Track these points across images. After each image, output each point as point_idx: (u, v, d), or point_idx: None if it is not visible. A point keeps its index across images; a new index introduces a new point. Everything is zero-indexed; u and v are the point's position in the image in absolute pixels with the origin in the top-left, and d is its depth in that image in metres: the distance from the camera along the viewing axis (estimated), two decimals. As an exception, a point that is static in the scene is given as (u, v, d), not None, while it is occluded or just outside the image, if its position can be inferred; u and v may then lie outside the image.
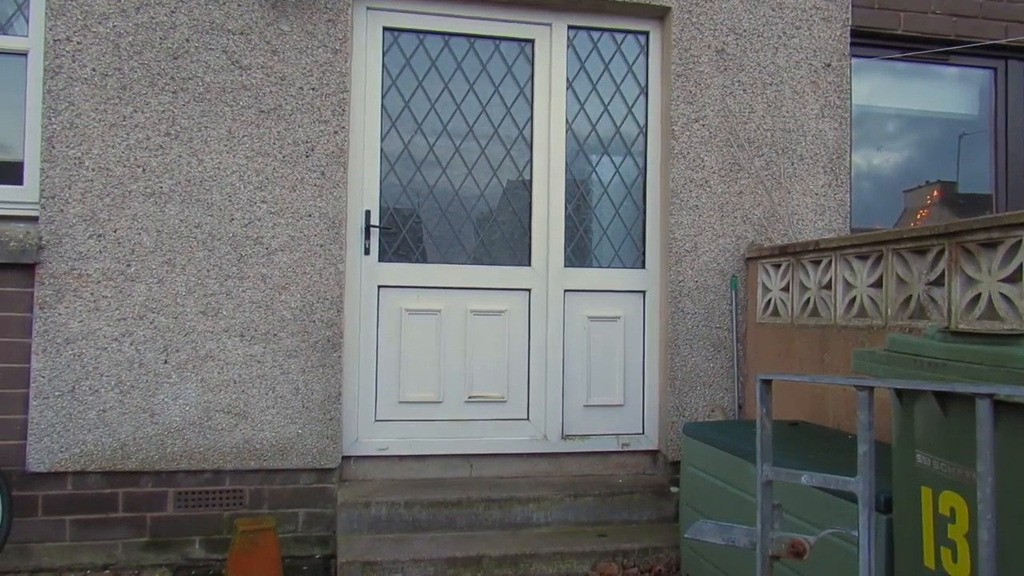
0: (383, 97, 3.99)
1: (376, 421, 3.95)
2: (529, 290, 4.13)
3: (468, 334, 4.09)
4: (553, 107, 4.10)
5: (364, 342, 3.92)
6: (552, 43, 4.10)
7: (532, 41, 4.14)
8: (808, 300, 3.54)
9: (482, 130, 4.16)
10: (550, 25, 4.10)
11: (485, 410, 4.06)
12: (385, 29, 4.01)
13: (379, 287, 3.96)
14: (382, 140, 4.03)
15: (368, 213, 3.96)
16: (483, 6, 4.02)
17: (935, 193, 4.61)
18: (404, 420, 3.98)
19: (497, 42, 4.15)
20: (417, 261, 4.06)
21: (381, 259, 3.99)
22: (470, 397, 4.05)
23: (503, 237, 4.17)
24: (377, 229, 3.97)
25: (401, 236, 4.06)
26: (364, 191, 3.98)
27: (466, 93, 4.12)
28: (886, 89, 4.58)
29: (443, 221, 4.15)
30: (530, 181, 4.15)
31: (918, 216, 4.59)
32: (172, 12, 3.56)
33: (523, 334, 4.13)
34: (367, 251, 3.95)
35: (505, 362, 4.10)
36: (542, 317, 4.09)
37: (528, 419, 4.09)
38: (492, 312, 4.12)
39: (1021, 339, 1.70)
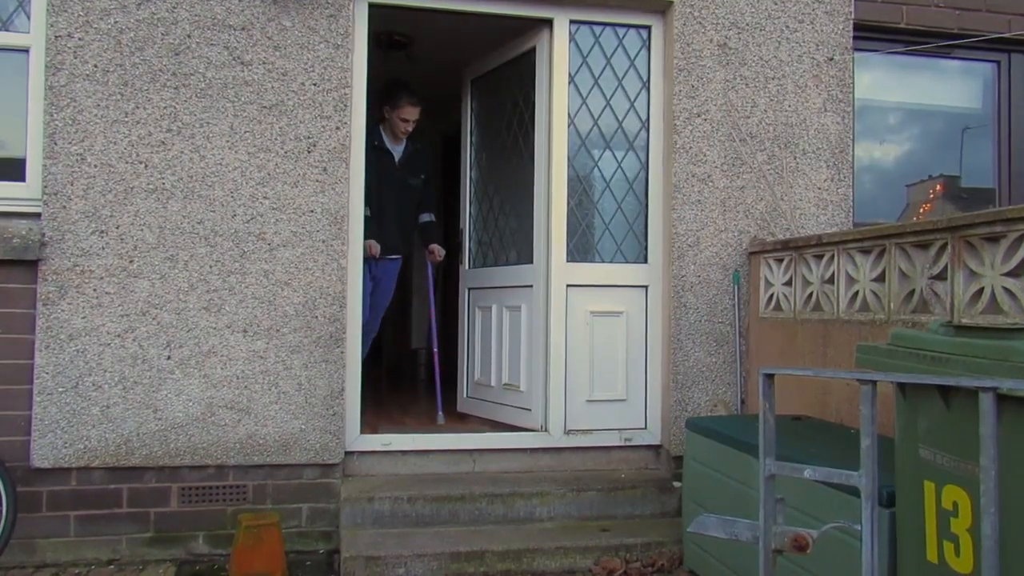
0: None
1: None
2: (531, 286, 4.13)
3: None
4: (555, 102, 4.08)
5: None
6: (554, 37, 4.08)
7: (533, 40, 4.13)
8: (811, 294, 3.54)
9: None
10: (552, 19, 4.08)
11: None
12: (387, 24, 4.01)
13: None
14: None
15: None
16: (486, 1, 4.00)
17: (938, 187, 4.60)
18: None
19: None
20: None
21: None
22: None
23: (511, 233, 4.17)
24: None
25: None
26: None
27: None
28: (889, 83, 4.56)
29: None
30: (532, 176, 4.14)
31: (921, 210, 4.58)
32: (173, 8, 3.55)
33: (527, 329, 4.13)
34: None
35: (507, 356, 4.11)
36: (544, 312, 4.09)
37: (530, 410, 4.10)
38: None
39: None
